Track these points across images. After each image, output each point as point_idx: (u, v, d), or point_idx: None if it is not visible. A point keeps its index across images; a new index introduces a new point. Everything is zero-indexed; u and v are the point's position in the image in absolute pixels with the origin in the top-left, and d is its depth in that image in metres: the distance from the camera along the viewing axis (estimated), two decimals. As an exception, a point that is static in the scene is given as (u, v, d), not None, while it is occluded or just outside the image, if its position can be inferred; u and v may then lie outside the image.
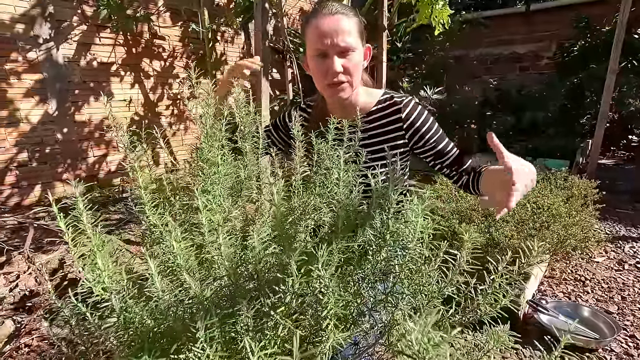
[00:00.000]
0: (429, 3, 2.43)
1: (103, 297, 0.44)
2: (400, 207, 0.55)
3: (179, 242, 0.49)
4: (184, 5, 4.25)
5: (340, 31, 0.93)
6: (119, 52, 3.87)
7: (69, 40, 3.48)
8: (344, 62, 0.95)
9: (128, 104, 4.01)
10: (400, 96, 1.07)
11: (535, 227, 1.58)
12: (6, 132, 3.19)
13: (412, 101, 1.05)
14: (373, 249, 0.59)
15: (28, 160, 3.37)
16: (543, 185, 2.00)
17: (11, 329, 1.27)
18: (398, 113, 1.04)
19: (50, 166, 3.52)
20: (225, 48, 4.85)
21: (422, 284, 0.61)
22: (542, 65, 5.81)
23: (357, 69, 0.99)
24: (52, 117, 3.46)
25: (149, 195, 0.59)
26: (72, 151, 3.64)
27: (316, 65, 0.98)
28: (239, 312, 0.52)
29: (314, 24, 0.95)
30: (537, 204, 1.71)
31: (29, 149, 3.35)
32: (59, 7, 3.36)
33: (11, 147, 3.24)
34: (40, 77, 3.33)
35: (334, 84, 0.98)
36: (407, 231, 0.54)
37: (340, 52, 0.95)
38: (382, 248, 0.57)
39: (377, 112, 1.07)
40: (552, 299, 1.90)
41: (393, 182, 0.53)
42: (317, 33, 0.94)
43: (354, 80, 0.99)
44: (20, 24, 3.15)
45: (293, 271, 0.44)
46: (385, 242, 0.57)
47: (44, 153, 3.46)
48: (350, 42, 0.94)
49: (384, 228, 0.55)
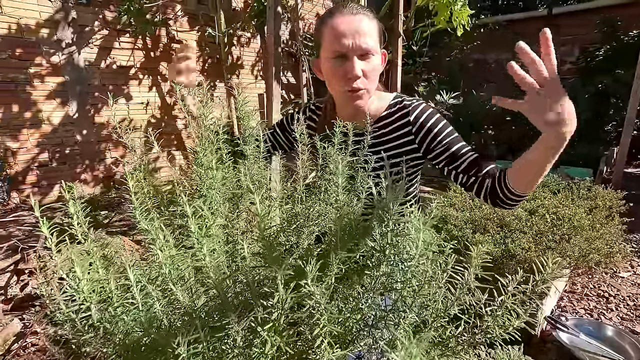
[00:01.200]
0: (447, 5, 2.37)
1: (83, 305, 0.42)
2: (401, 219, 0.51)
3: (164, 250, 0.46)
4: (201, 10, 4.32)
5: (362, 32, 0.87)
6: (138, 56, 3.96)
7: (90, 44, 3.58)
8: (364, 65, 0.89)
9: (145, 106, 4.10)
10: (410, 99, 1.01)
11: (555, 240, 1.49)
12: (29, 133, 3.30)
13: (421, 104, 1.00)
14: (373, 263, 0.55)
15: (48, 160, 3.47)
16: (564, 195, 1.89)
17: (19, 327, 1.29)
18: (406, 117, 0.98)
19: (69, 166, 3.62)
20: (241, 52, 4.90)
21: (426, 301, 0.56)
22: (564, 70, 5.62)
23: (375, 75, 0.93)
24: (72, 119, 3.57)
25: (140, 199, 0.57)
26: (90, 152, 3.73)
27: (333, 68, 0.91)
28: (226, 327, 0.49)
29: (332, 24, 0.89)
30: (558, 214, 1.62)
31: (49, 149, 3.46)
32: (82, 12, 3.47)
33: (33, 147, 3.35)
34: (62, 80, 3.44)
35: (353, 90, 0.91)
36: (408, 246, 0.50)
37: (360, 55, 0.88)
38: (381, 262, 0.53)
39: (387, 117, 1.02)
40: (573, 315, 1.79)
41: (393, 192, 0.49)
42: (336, 33, 0.87)
43: (371, 87, 0.94)
44: (45, 29, 3.26)
45: (279, 286, 0.40)
46: (384, 256, 0.53)
47: (63, 154, 3.56)
48: (371, 44, 0.88)
49: (383, 241, 0.51)
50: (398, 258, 0.50)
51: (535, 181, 0.78)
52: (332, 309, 0.44)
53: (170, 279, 0.47)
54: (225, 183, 0.70)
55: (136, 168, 0.77)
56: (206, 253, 0.43)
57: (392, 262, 0.54)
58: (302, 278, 0.48)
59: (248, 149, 0.82)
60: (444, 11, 2.66)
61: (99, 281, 0.48)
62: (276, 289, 0.42)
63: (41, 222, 0.42)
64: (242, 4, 4.71)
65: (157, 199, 0.75)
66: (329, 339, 0.51)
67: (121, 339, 0.48)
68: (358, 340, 0.61)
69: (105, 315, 0.44)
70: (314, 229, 0.80)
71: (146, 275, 0.51)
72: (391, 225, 0.49)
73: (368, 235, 0.62)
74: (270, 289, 0.45)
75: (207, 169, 0.65)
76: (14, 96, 3.17)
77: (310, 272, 0.40)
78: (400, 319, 0.58)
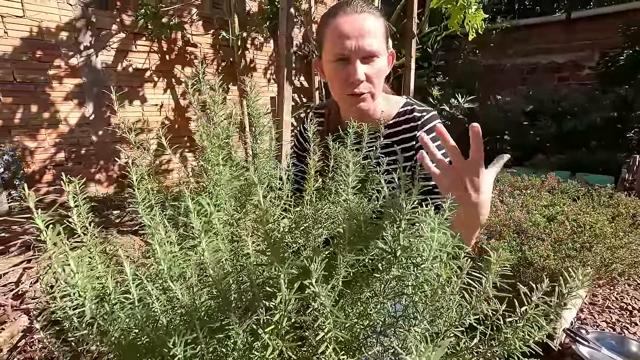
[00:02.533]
0: (462, 7, 2.33)
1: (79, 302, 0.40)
2: (415, 219, 0.48)
3: (163, 245, 0.44)
4: (216, 14, 4.38)
5: (366, 33, 0.81)
6: (153, 59, 4.03)
7: (107, 47, 3.66)
8: (367, 69, 0.84)
9: (159, 108, 4.15)
10: (421, 110, 0.95)
11: (575, 248, 1.42)
12: (46, 133, 3.38)
13: (432, 120, 0.93)
14: (383, 265, 0.52)
15: (65, 160, 3.54)
16: (584, 202, 1.81)
17: (26, 323, 1.29)
18: (414, 130, 0.93)
19: (85, 166, 3.69)
20: (254, 55, 4.94)
21: (439, 308, 0.53)
22: (582, 75, 5.47)
23: (380, 77, 0.88)
24: (89, 120, 3.64)
25: (143, 194, 0.55)
26: (105, 152, 3.80)
27: (334, 71, 0.86)
28: (227, 327, 0.47)
29: (334, 24, 0.83)
30: (578, 221, 1.54)
31: (66, 149, 3.53)
32: (100, 16, 3.55)
33: (50, 147, 3.42)
34: (80, 81, 3.51)
35: (355, 95, 0.86)
36: (422, 248, 0.47)
37: (363, 58, 0.83)
38: (392, 265, 0.50)
39: (395, 125, 0.96)
40: (594, 328, 1.70)
41: (406, 189, 0.46)
42: (338, 34, 0.82)
43: (376, 90, 0.88)
44: (65, 32, 3.35)
45: (282, 286, 0.38)
46: (396, 258, 0.50)
47: (79, 154, 3.63)
48: (376, 45, 0.83)
49: (395, 242, 0.48)
50: (410, 261, 0.47)
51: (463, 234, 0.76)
52: (338, 313, 0.41)
53: (169, 275, 0.44)
54: (232, 180, 0.68)
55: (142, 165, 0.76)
56: (205, 247, 0.41)
57: (403, 265, 0.50)
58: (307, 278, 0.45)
59: (258, 147, 0.80)
60: (457, 14, 2.62)
61: (96, 277, 0.47)
62: (279, 288, 0.39)
63: (36, 215, 0.40)
64: (256, 7, 4.75)
65: (161, 195, 0.73)
66: (334, 345, 0.48)
67: (116, 337, 0.46)
68: (365, 347, 0.58)
69: (101, 311, 0.42)
70: (322, 231, 0.77)
71: (146, 271, 0.49)
72: (404, 225, 0.46)
73: (378, 236, 0.59)
74: (273, 289, 0.42)
75: (214, 165, 0.63)
76: (33, 97, 3.25)
77: (315, 271, 0.37)
78: (411, 327, 0.55)
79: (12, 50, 3.07)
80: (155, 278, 0.50)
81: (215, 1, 4.39)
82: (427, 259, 0.45)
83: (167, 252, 0.47)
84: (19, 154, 3.13)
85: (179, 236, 0.61)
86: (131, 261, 0.62)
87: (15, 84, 3.14)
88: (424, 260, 0.45)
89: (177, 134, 4.32)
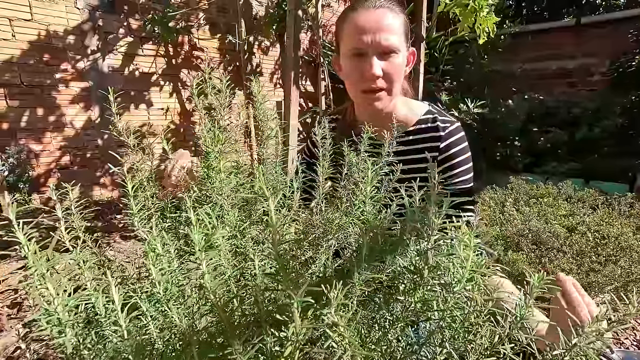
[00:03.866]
0: (472, 10, 2.28)
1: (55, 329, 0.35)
2: (443, 236, 0.42)
3: (158, 265, 0.39)
4: (223, 18, 4.37)
5: (384, 28, 0.79)
6: (160, 63, 4.02)
7: (114, 51, 3.66)
8: (385, 65, 0.81)
9: (165, 112, 4.14)
10: (445, 121, 0.90)
11: (599, 261, 1.34)
12: (52, 136, 3.37)
13: (456, 133, 0.89)
14: (405, 286, 0.46)
15: (70, 163, 3.52)
16: (604, 212, 1.73)
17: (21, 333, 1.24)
18: (437, 141, 0.88)
19: (90, 170, 3.67)
20: (261, 60, 4.92)
21: (469, 335, 0.47)
22: (592, 81, 5.38)
23: (398, 75, 0.84)
24: (94, 124, 3.63)
25: (141, 203, 0.50)
26: (111, 156, 3.78)
27: (351, 66, 0.84)
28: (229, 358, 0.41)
29: (353, 18, 0.81)
30: (600, 232, 1.47)
31: (71, 152, 3.51)
32: (108, 19, 3.56)
33: (55, 150, 3.41)
34: (86, 85, 3.51)
35: (370, 91, 0.83)
36: (453, 268, 0.41)
37: (381, 53, 0.80)
38: (417, 286, 0.44)
39: (416, 132, 0.91)
40: (619, 347, 1.62)
41: (435, 202, 0.40)
42: (356, 28, 0.80)
43: (393, 88, 0.84)
44: (72, 36, 3.35)
45: (295, 315, 0.32)
46: (422, 279, 0.44)
47: (84, 157, 3.62)
48: (394, 41, 0.80)
49: (421, 261, 0.42)
50: (439, 282, 0.41)
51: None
52: (358, 346, 0.36)
53: (165, 299, 0.39)
54: (238, 189, 0.63)
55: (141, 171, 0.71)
56: (206, 270, 0.35)
57: (430, 286, 0.44)
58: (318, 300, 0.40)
59: (265, 152, 0.74)
60: (468, 17, 2.56)
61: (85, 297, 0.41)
62: (291, 317, 0.34)
63: (16, 228, 0.35)
64: (263, 11, 4.75)
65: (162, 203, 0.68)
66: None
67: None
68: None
69: (87, 339, 0.37)
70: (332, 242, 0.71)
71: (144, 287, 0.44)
72: (432, 242, 0.40)
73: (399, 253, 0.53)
74: (283, 316, 0.37)
75: (217, 172, 0.58)
76: (39, 100, 3.25)
77: (335, 299, 0.32)
78: (436, 355, 0.49)
79: (19, 53, 3.08)
80: (151, 298, 0.45)
81: (222, 6, 4.39)
82: (459, 281, 0.39)
83: (164, 271, 0.41)
84: (24, 157, 3.12)
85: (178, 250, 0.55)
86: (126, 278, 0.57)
87: (22, 87, 3.14)
88: (457, 282, 0.39)
89: (183, 138, 4.30)
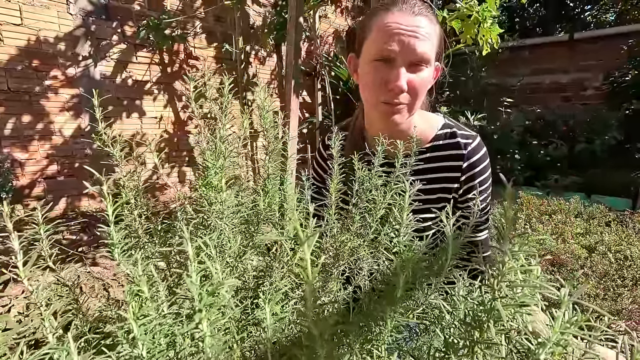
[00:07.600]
0: (475, 22, 2.24)
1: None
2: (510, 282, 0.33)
3: (138, 321, 0.29)
4: (220, 27, 4.32)
5: (421, 36, 0.70)
6: (154, 71, 3.93)
7: (106, 57, 3.56)
8: (413, 77, 0.73)
9: (158, 121, 4.03)
10: (464, 136, 0.83)
11: (625, 285, 1.25)
12: (39, 144, 3.23)
13: (479, 150, 0.82)
14: (455, 345, 0.36)
15: (57, 172, 3.38)
16: (619, 229, 1.66)
17: None
18: (459, 160, 0.81)
19: (78, 179, 3.52)
20: (258, 69, 4.87)
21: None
22: (587, 95, 5.43)
23: (423, 90, 0.76)
24: (84, 132, 3.50)
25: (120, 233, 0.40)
26: (101, 165, 3.65)
27: (374, 71, 0.75)
28: None
29: (385, 18, 0.73)
30: (622, 253, 1.38)
31: (59, 161, 3.37)
32: (101, 26, 3.47)
33: (42, 159, 3.27)
34: (77, 92, 3.39)
35: (390, 104, 0.75)
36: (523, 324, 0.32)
37: (411, 64, 0.72)
38: (474, 344, 0.35)
39: (434, 149, 0.84)
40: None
41: (505, 239, 0.31)
42: (388, 31, 0.71)
43: (415, 104, 0.76)
44: (63, 42, 3.25)
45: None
46: (481, 331, 0.35)
47: (73, 166, 3.48)
48: (427, 53, 0.72)
49: (484, 311, 0.33)
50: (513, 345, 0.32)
51: None
52: None
53: None
54: (240, 210, 0.53)
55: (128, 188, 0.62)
56: (208, 333, 0.26)
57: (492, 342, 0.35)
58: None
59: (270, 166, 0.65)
60: (471, 29, 2.53)
61: None
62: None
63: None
64: (260, 21, 4.71)
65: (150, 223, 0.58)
66: None
67: None
68: None
69: None
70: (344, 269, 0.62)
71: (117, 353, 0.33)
72: (504, 289, 0.31)
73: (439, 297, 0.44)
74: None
75: (217, 192, 0.48)
76: (27, 107, 3.12)
77: None
78: None
79: (7, 58, 2.96)
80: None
81: (219, 14, 4.35)
82: (542, 345, 0.30)
83: (148, 324, 0.31)
84: (7, 166, 2.97)
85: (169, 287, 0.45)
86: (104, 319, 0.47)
87: (9, 93, 3.01)
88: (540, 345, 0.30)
89: (176, 148, 4.18)
